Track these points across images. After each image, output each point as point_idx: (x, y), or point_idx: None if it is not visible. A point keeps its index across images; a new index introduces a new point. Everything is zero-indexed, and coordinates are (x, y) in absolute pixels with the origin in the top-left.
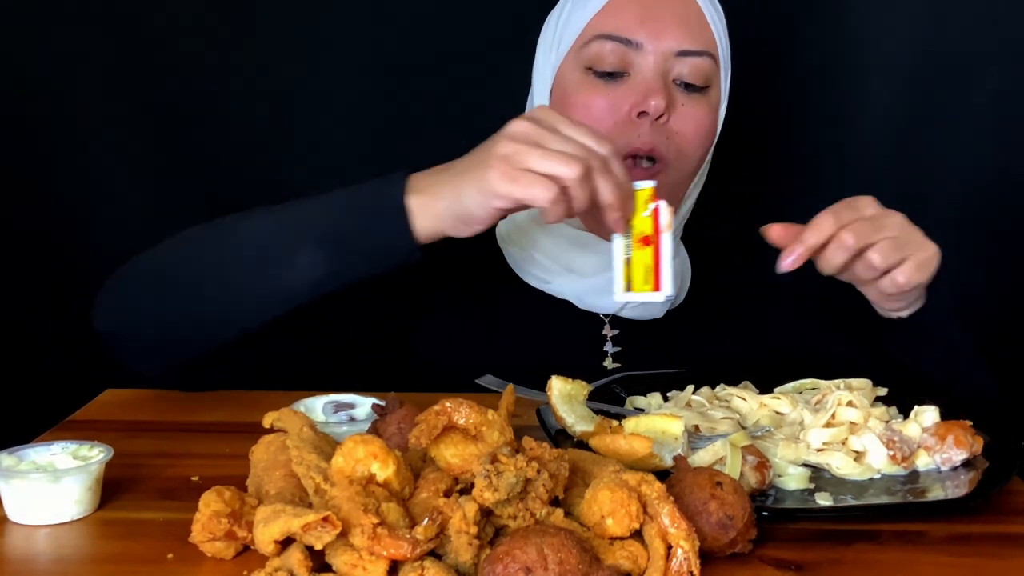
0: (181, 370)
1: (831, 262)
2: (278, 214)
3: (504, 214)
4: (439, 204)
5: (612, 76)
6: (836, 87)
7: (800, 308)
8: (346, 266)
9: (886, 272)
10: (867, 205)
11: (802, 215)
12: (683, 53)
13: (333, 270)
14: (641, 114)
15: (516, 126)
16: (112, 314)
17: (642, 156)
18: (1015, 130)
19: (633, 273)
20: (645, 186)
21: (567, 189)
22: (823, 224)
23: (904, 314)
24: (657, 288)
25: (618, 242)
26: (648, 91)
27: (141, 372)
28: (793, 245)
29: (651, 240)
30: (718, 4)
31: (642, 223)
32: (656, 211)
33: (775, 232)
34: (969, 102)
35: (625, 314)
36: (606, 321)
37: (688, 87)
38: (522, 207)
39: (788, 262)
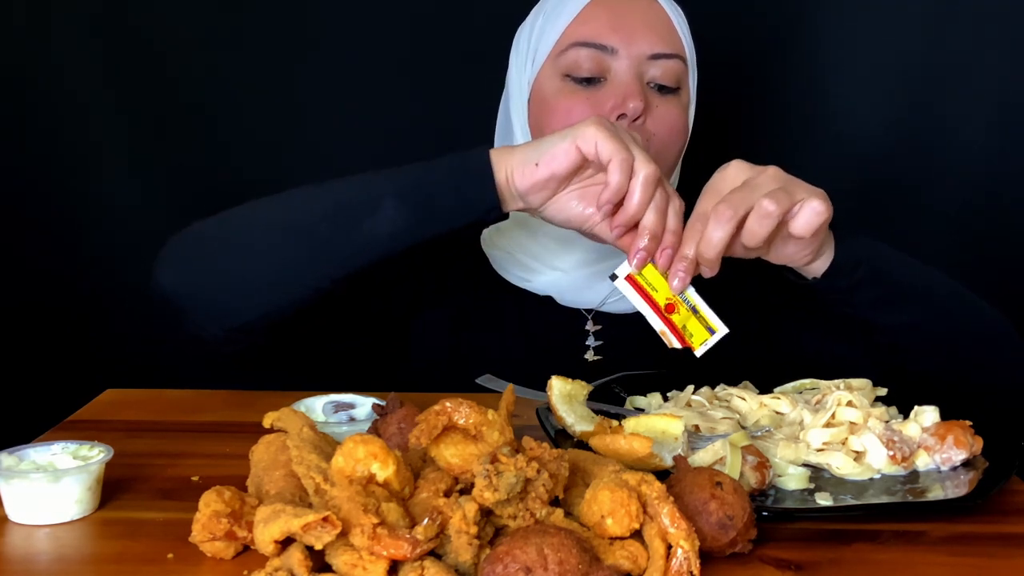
0: (245, 332)
1: (711, 242)
2: (362, 175)
3: (575, 165)
4: (518, 149)
5: (590, 82)
6: (830, 90)
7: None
8: (427, 218)
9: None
10: (736, 173)
11: None
12: (655, 56)
13: (414, 222)
14: (620, 116)
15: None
16: (181, 271)
17: None
18: (1012, 132)
19: (688, 332)
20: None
21: (632, 181)
22: (695, 226)
23: (819, 271)
24: (712, 332)
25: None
26: (626, 94)
27: (201, 333)
28: (675, 265)
29: (674, 304)
30: (680, 10)
31: (663, 289)
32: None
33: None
34: (965, 104)
35: (607, 309)
36: (588, 317)
37: (661, 89)
38: (583, 167)
39: (675, 285)
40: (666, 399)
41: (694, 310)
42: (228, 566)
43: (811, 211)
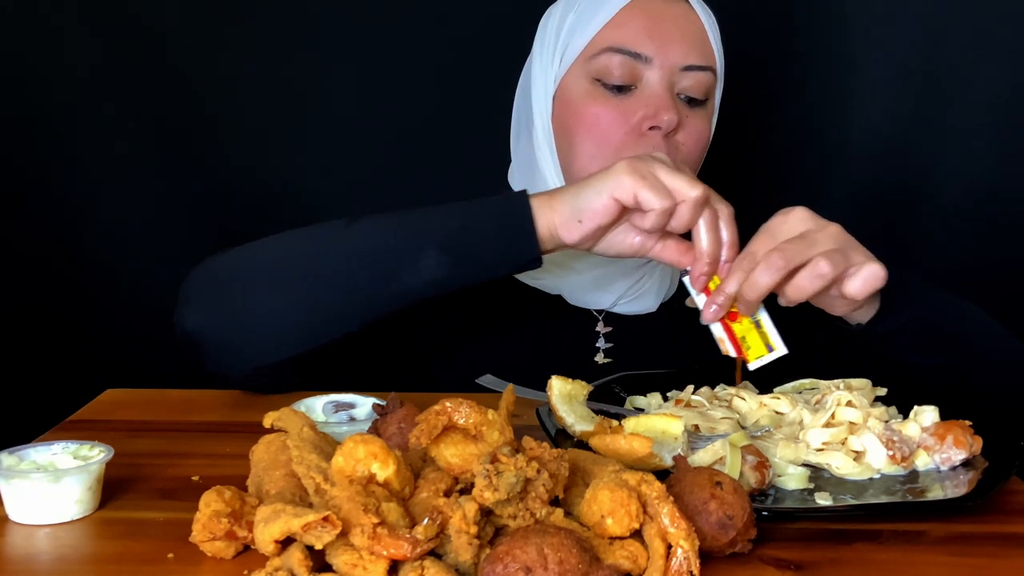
0: (271, 371)
1: (756, 285)
2: (395, 218)
3: (615, 215)
4: (557, 199)
5: (620, 89)
6: (832, 94)
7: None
8: (468, 269)
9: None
10: (797, 223)
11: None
12: (688, 68)
13: (454, 273)
14: (653, 128)
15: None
16: (206, 312)
17: None
18: (1012, 135)
19: (746, 344)
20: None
21: (678, 207)
22: (742, 264)
23: (863, 319)
24: (770, 350)
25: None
26: (660, 106)
27: (226, 374)
28: (713, 296)
29: (737, 313)
30: (714, 20)
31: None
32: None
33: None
34: (965, 108)
35: (618, 310)
36: (599, 318)
37: (690, 101)
38: (624, 213)
39: (707, 315)
40: (666, 399)
41: (757, 324)
42: (228, 566)
43: (869, 275)
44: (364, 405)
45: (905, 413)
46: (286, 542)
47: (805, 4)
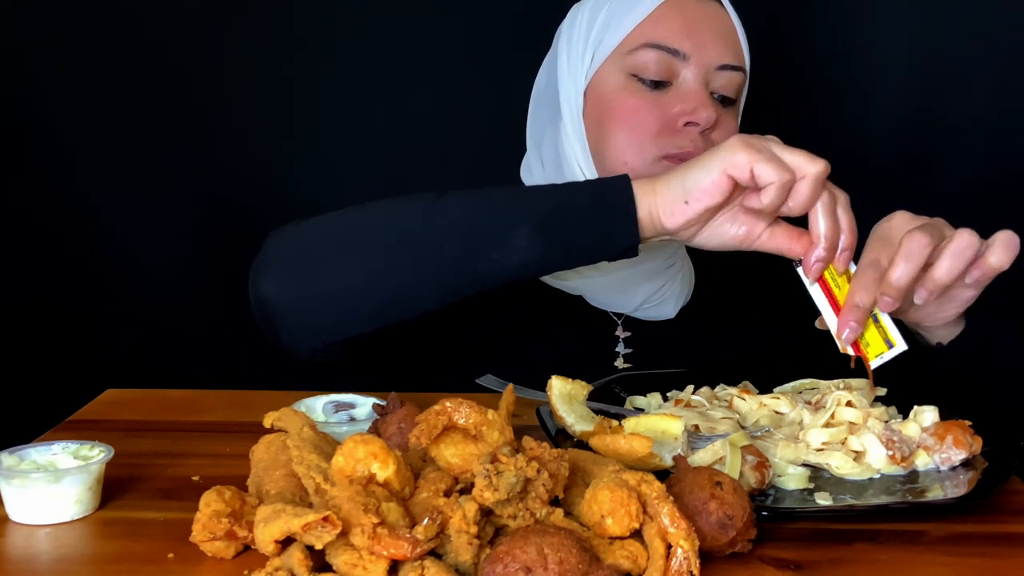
0: (345, 347)
1: (902, 277)
2: (486, 195)
3: (726, 194)
4: (660, 182)
5: (657, 85)
6: (835, 92)
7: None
8: (562, 252)
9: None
10: (903, 223)
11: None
12: (723, 67)
13: (547, 255)
14: (689, 124)
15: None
16: (286, 281)
17: (684, 158)
18: (1014, 135)
19: (864, 342)
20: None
21: (797, 184)
22: (867, 274)
23: (945, 340)
24: (890, 346)
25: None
26: (698, 103)
27: (297, 347)
28: (845, 316)
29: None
30: (739, 19)
31: (845, 288)
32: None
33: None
34: (968, 107)
35: (639, 315)
36: (619, 323)
37: (723, 100)
38: (736, 193)
39: (846, 336)
40: (666, 399)
41: (875, 318)
42: (228, 566)
43: (1007, 241)
44: (364, 405)
45: (905, 413)
46: (286, 542)
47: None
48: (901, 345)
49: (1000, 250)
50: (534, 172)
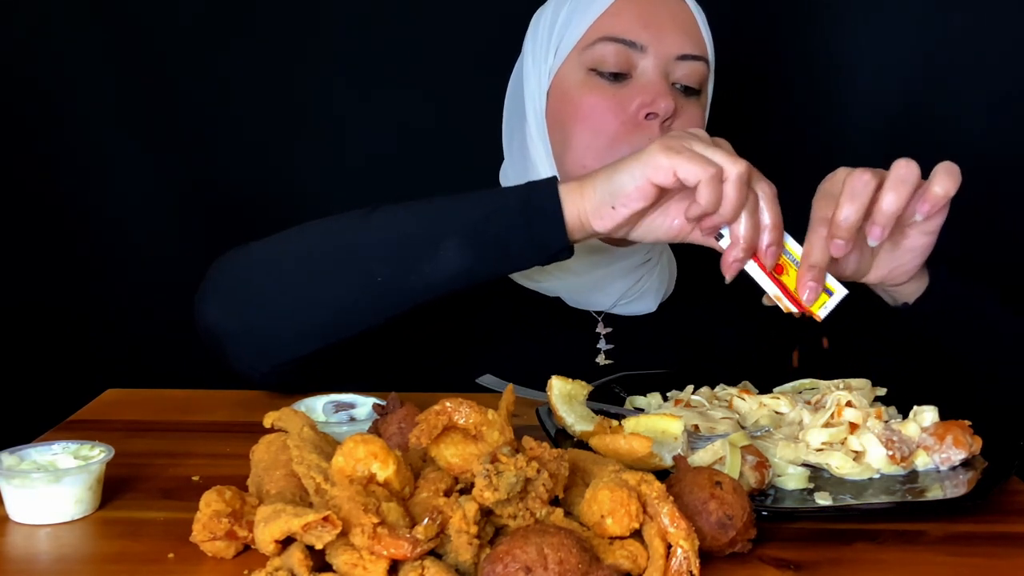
0: (294, 367)
1: (849, 213)
2: (416, 207)
3: (652, 199)
4: (587, 185)
5: (616, 77)
6: (830, 91)
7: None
8: (492, 260)
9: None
10: (845, 172)
11: (798, 214)
12: (683, 57)
13: (478, 263)
14: (649, 115)
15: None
16: (229, 305)
17: None
18: (1012, 133)
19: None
20: None
21: (723, 178)
22: (818, 231)
23: (911, 299)
24: (830, 294)
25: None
26: (657, 93)
27: (249, 372)
28: (803, 278)
29: (783, 266)
30: (703, 12)
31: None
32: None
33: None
34: (965, 105)
35: (617, 311)
36: (599, 319)
37: (686, 90)
38: (662, 197)
39: (807, 298)
40: (666, 399)
41: None
42: (229, 565)
43: (947, 169)
44: (364, 405)
45: (904, 413)
46: (286, 542)
47: (802, 3)
48: (841, 290)
49: (943, 178)
50: (509, 177)
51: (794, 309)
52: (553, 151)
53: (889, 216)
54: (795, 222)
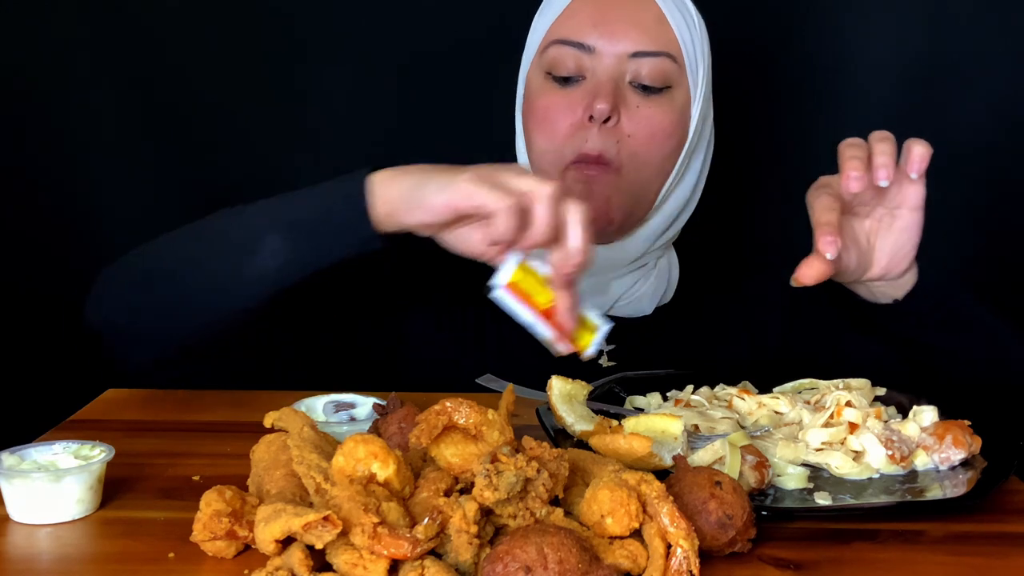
0: (177, 362)
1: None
2: (247, 208)
3: (451, 217)
4: (400, 179)
5: (568, 80)
6: (831, 91)
7: (797, 306)
8: (309, 251)
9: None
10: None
11: (797, 213)
12: (637, 54)
13: (297, 255)
14: (592, 118)
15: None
16: (100, 305)
17: (591, 161)
18: (1013, 133)
19: (575, 336)
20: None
21: (528, 210)
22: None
23: (900, 294)
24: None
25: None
26: (596, 94)
27: (134, 365)
28: (823, 240)
29: (551, 309)
30: (689, 6)
31: (541, 294)
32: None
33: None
34: (965, 105)
35: (614, 313)
36: None
37: (646, 88)
38: (469, 218)
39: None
40: (666, 399)
41: (581, 314)
42: (229, 565)
43: (916, 140)
44: (364, 405)
45: (904, 413)
46: (287, 541)
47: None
48: (604, 325)
49: (916, 143)
50: None
51: (564, 350)
52: (526, 152)
53: (889, 159)
54: (795, 221)
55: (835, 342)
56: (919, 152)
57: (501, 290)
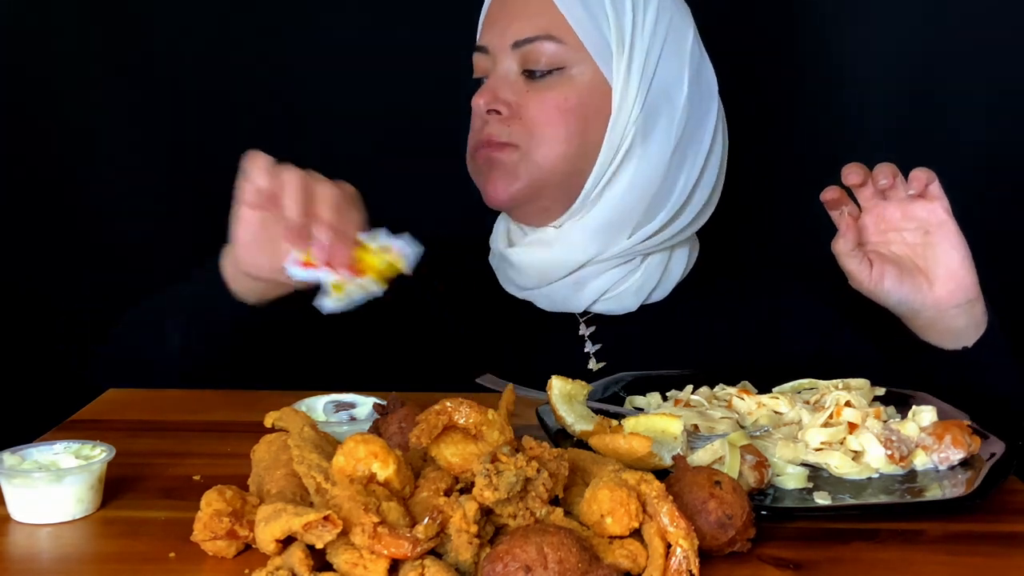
0: (200, 369)
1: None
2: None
3: (261, 202)
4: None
5: (480, 82)
6: (836, 89)
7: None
8: (192, 335)
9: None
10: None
11: (797, 212)
12: (517, 44)
13: (189, 338)
14: (490, 112)
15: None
16: (112, 361)
17: (491, 145)
18: (1014, 131)
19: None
20: None
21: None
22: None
23: (969, 343)
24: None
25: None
26: (478, 93)
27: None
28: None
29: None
30: None
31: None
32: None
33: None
34: (968, 102)
35: (596, 309)
36: (581, 320)
37: (533, 74)
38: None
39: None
40: (665, 399)
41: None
42: (229, 565)
43: (917, 171)
44: (364, 405)
45: (904, 413)
46: (287, 541)
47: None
48: (400, 243)
49: (918, 171)
50: None
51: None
52: None
53: (888, 168)
54: (796, 221)
55: (826, 345)
56: (916, 172)
57: (293, 268)
